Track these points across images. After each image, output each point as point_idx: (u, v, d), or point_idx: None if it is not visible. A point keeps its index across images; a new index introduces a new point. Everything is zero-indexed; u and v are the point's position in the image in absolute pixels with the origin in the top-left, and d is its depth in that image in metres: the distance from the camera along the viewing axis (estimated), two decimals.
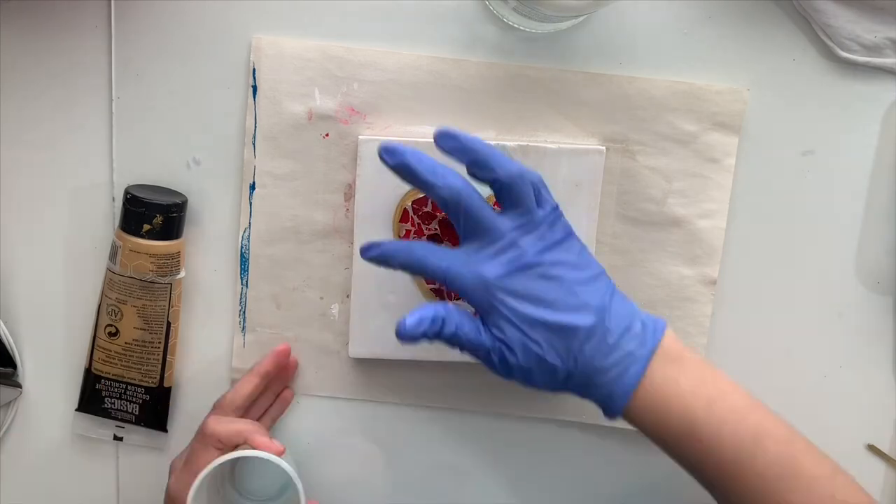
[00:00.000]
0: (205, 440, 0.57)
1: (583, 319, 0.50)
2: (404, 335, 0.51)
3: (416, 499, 0.66)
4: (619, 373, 0.51)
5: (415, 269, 0.53)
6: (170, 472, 0.59)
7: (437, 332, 0.51)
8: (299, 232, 0.62)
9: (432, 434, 0.65)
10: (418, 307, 0.51)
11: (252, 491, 0.64)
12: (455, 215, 0.51)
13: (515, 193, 0.51)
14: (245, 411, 0.61)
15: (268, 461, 0.55)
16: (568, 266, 0.51)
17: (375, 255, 0.53)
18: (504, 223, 0.51)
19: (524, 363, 0.51)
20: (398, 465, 0.66)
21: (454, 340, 0.51)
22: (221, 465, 0.55)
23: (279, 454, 0.55)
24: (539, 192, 0.52)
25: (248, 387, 0.60)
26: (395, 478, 0.66)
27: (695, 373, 0.51)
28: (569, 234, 0.53)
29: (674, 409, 0.51)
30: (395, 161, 0.51)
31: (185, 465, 0.57)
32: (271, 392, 0.63)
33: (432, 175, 0.51)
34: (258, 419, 0.63)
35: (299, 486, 0.55)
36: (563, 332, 0.50)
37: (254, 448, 0.56)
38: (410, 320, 0.50)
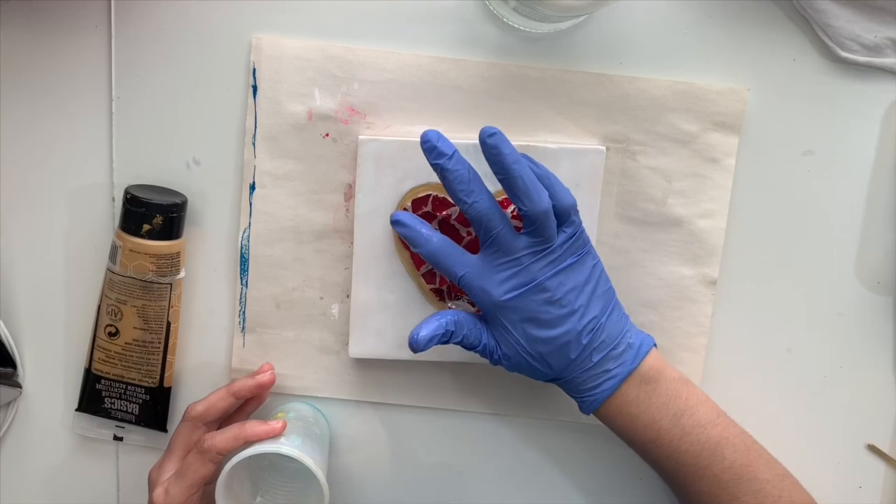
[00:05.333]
0: (203, 455, 0.56)
1: (575, 342, 0.55)
2: (416, 349, 0.55)
3: (416, 499, 0.66)
4: (594, 386, 0.56)
5: (430, 261, 0.56)
6: (151, 484, 0.58)
7: (445, 342, 0.56)
8: (299, 232, 0.62)
9: (432, 434, 0.65)
10: (429, 320, 0.56)
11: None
12: (477, 230, 0.55)
13: (538, 226, 0.54)
14: (217, 426, 0.60)
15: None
16: (573, 289, 0.55)
17: (400, 231, 0.57)
18: (520, 242, 0.55)
19: (516, 366, 0.57)
20: (398, 465, 0.66)
21: (462, 345, 0.56)
22: (232, 468, 0.55)
23: (279, 432, 0.57)
24: (568, 217, 0.55)
25: (222, 405, 0.60)
26: (395, 478, 0.66)
27: (668, 390, 0.57)
28: (583, 255, 0.56)
29: (641, 419, 0.56)
30: (435, 161, 0.54)
31: (177, 478, 0.57)
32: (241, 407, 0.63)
33: (465, 194, 0.54)
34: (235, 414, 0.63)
35: (309, 464, 0.55)
36: (555, 350, 0.55)
37: (254, 442, 0.56)
38: (423, 334, 0.55)
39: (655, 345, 0.58)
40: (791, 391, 0.65)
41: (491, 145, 0.53)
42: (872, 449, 0.65)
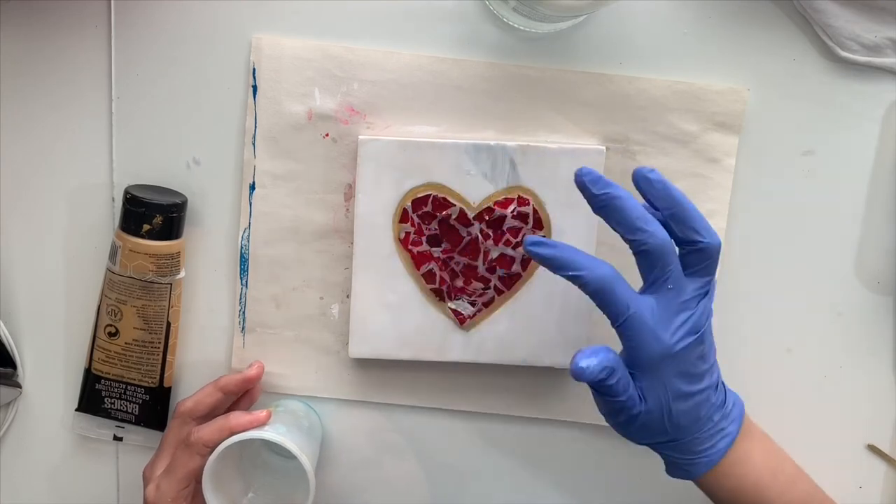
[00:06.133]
0: (190, 448, 0.56)
1: (706, 400, 0.51)
2: (583, 378, 0.48)
3: (416, 499, 0.66)
4: (710, 446, 0.52)
5: (596, 293, 0.49)
6: (144, 482, 0.59)
7: (603, 380, 0.49)
8: (299, 232, 0.62)
9: (432, 435, 0.65)
10: (593, 351, 0.49)
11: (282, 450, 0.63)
12: (649, 266, 0.49)
13: (710, 262, 0.50)
14: (205, 420, 0.60)
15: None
16: (712, 342, 0.52)
17: (545, 254, 0.50)
18: (692, 283, 0.50)
19: (648, 424, 0.51)
20: (398, 465, 0.66)
21: (608, 390, 0.49)
22: (218, 458, 0.55)
23: (264, 421, 0.57)
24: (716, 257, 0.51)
25: (209, 400, 0.60)
26: (395, 478, 0.66)
27: (763, 446, 0.55)
28: (712, 300, 0.52)
29: (749, 480, 0.53)
30: (603, 191, 0.49)
31: (167, 473, 0.57)
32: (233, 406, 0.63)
33: (642, 221, 0.49)
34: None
35: (292, 447, 0.56)
36: (691, 408, 0.51)
37: (238, 432, 0.56)
38: (593, 366, 0.48)
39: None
40: (791, 391, 0.65)
41: (656, 180, 0.49)
42: (872, 449, 0.65)
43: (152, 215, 0.59)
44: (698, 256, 0.50)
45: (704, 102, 0.61)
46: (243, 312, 0.63)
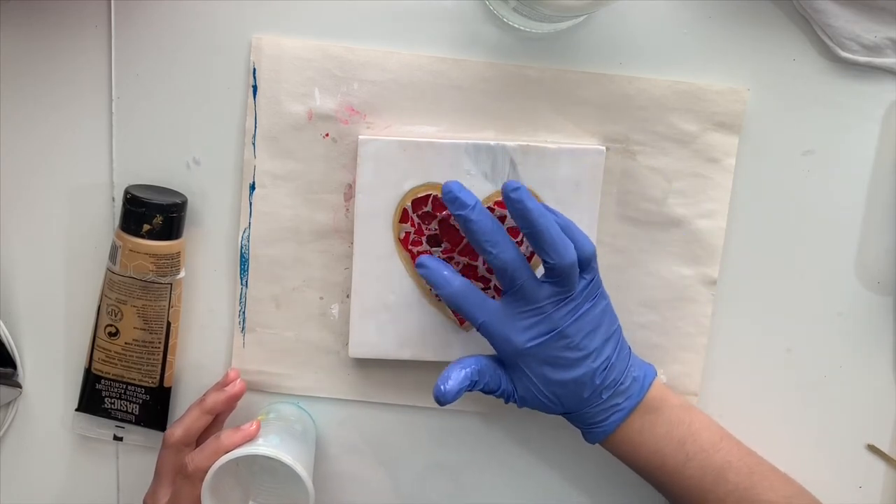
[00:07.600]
0: (190, 478, 0.56)
1: (589, 382, 0.56)
2: (445, 401, 0.55)
3: (415, 499, 0.66)
4: (602, 419, 0.57)
5: (450, 304, 0.57)
6: None
7: (469, 391, 0.56)
8: (299, 232, 0.62)
9: (431, 434, 0.65)
10: (453, 370, 0.56)
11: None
12: (501, 278, 0.55)
13: (563, 277, 0.54)
14: (196, 443, 0.60)
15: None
16: (589, 333, 0.56)
17: (422, 273, 0.57)
18: (543, 291, 0.55)
19: (528, 405, 0.58)
20: (397, 465, 0.66)
21: (483, 391, 0.57)
22: (213, 476, 0.55)
23: (254, 434, 0.57)
24: (589, 264, 0.56)
25: (198, 425, 0.60)
26: (394, 478, 0.66)
27: (671, 417, 0.58)
28: (597, 299, 0.56)
29: (646, 447, 0.58)
30: (458, 212, 0.54)
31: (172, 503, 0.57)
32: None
33: (490, 245, 0.54)
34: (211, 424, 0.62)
35: (286, 459, 0.56)
36: (570, 391, 0.56)
37: (232, 449, 0.56)
38: (450, 387, 0.55)
39: (656, 374, 0.59)
40: (791, 391, 0.65)
41: (515, 199, 0.53)
42: (872, 449, 0.65)
43: (152, 215, 0.59)
44: (551, 272, 0.54)
45: (704, 102, 0.61)
46: (243, 312, 0.63)
